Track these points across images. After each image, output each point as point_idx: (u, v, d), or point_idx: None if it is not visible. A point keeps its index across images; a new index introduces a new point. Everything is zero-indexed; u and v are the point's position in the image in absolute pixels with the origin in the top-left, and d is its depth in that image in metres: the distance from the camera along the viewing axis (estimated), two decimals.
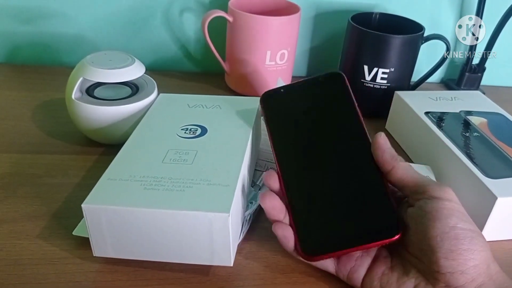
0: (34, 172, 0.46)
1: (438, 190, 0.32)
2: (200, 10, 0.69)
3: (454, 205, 0.31)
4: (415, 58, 0.62)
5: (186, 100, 0.48)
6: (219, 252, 0.34)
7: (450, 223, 0.30)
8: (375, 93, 0.62)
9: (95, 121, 0.48)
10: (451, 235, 0.30)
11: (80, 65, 0.48)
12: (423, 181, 0.33)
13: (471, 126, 0.52)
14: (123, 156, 0.39)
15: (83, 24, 0.68)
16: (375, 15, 0.66)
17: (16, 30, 0.67)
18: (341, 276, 0.36)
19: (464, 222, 0.30)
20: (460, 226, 0.30)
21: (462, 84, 0.74)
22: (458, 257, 0.29)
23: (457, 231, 0.30)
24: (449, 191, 0.32)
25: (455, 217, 0.30)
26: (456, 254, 0.29)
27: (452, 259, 0.29)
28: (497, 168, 0.45)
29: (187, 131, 0.42)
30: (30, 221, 0.40)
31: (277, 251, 0.40)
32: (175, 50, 0.72)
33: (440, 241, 0.30)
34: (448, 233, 0.30)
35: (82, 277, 0.35)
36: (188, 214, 0.32)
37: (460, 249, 0.29)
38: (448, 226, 0.30)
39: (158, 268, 0.36)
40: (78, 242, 0.38)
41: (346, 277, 0.35)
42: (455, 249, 0.29)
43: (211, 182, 0.35)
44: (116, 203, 0.33)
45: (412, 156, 0.55)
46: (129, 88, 0.51)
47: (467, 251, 0.29)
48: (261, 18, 0.59)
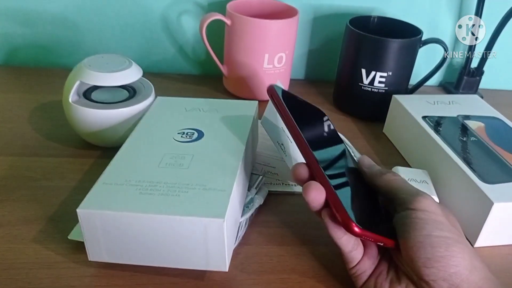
0: (31, 175, 0.46)
1: (413, 201, 0.33)
2: (198, 13, 0.69)
3: (429, 214, 0.32)
4: (413, 62, 0.62)
5: (183, 103, 0.48)
6: (214, 257, 0.34)
7: (424, 232, 0.31)
8: (373, 97, 0.62)
9: (92, 124, 0.48)
10: (426, 244, 0.30)
11: (77, 68, 0.48)
12: (401, 193, 0.34)
13: (469, 130, 0.52)
14: (119, 160, 0.39)
15: (81, 27, 0.68)
16: (373, 18, 0.66)
17: (14, 32, 0.67)
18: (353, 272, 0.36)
19: (440, 230, 0.31)
20: (435, 234, 0.31)
21: (460, 88, 0.74)
22: (437, 264, 0.30)
23: (432, 239, 0.30)
24: (423, 201, 0.32)
25: (430, 226, 0.31)
26: (434, 261, 0.30)
27: (431, 267, 0.30)
28: (494, 173, 0.45)
29: (183, 135, 0.42)
30: (25, 225, 0.40)
31: (272, 256, 0.40)
32: (173, 52, 0.72)
33: (417, 251, 0.31)
34: (423, 242, 0.30)
35: (77, 282, 0.35)
36: (183, 219, 0.32)
37: (437, 256, 0.30)
38: (422, 235, 0.31)
39: (153, 272, 0.36)
40: (74, 246, 0.38)
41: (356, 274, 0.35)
42: (432, 257, 0.30)
43: (206, 187, 0.35)
44: (111, 208, 0.33)
45: (409, 160, 0.55)
46: (126, 91, 0.51)
47: (444, 257, 0.30)
48: (259, 21, 0.59)
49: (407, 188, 0.34)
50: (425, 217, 0.31)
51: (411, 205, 0.32)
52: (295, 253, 0.40)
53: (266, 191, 0.46)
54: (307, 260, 0.40)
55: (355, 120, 0.64)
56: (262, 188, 0.46)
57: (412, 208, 0.32)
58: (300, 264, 0.39)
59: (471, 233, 0.44)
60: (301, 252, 0.40)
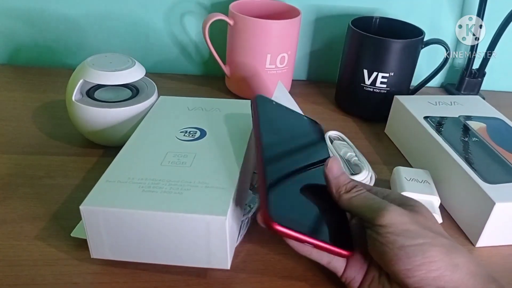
0: (34, 173, 0.46)
1: (377, 218, 0.32)
2: (201, 13, 0.69)
3: (397, 226, 0.31)
4: (415, 62, 0.63)
5: (186, 102, 0.48)
6: (216, 255, 0.34)
7: (397, 245, 0.31)
8: (375, 97, 0.62)
9: (95, 123, 0.48)
10: (402, 255, 0.30)
11: (81, 67, 0.49)
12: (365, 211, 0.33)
13: (470, 131, 0.52)
14: (122, 158, 0.39)
15: (84, 26, 0.68)
16: (375, 19, 0.67)
17: (18, 31, 0.68)
18: (343, 281, 0.36)
19: (411, 239, 0.31)
20: (408, 244, 0.30)
21: (462, 89, 0.74)
22: (418, 273, 0.30)
23: (406, 250, 0.30)
24: (387, 215, 0.32)
25: (400, 237, 0.31)
26: (414, 270, 0.30)
27: (412, 276, 0.30)
28: (495, 173, 0.45)
29: (186, 133, 0.42)
30: (29, 222, 0.40)
31: (274, 254, 0.40)
32: (176, 52, 0.72)
33: (395, 264, 0.31)
34: (398, 254, 0.30)
35: (79, 279, 0.36)
36: (186, 217, 0.32)
37: (416, 265, 0.30)
38: (396, 248, 0.31)
39: (155, 270, 0.36)
40: (77, 243, 0.38)
41: (346, 282, 0.36)
42: (411, 267, 0.30)
43: (209, 185, 0.35)
44: (114, 205, 0.33)
45: (411, 160, 0.55)
46: (129, 90, 0.51)
47: (423, 264, 0.30)
48: (262, 22, 0.59)
49: (369, 204, 0.33)
50: (393, 230, 0.31)
51: (377, 222, 0.32)
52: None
53: None
54: (308, 259, 0.39)
55: (357, 121, 0.64)
56: None
57: (378, 224, 0.32)
58: (301, 262, 0.39)
59: (473, 233, 0.44)
60: None
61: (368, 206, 0.33)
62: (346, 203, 0.34)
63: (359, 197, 0.34)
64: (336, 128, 0.57)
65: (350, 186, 0.35)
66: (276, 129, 0.40)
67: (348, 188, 0.35)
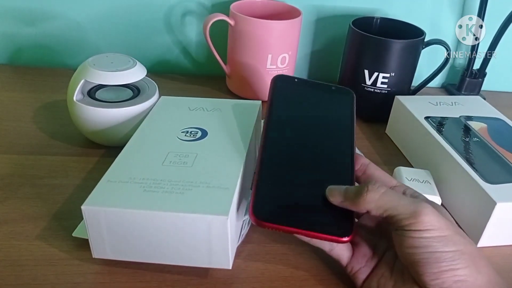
0: (35, 173, 0.46)
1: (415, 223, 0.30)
2: (202, 13, 0.69)
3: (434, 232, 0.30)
4: (415, 63, 0.63)
5: (187, 103, 0.48)
6: (217, 255, 0.34)
7: (430, 250, 0.30)
8: (376, 98, 0.62)
9: (96, 123, 0.48)
10: (432, 260, 0.30)
11: (82, 67, 0.49)
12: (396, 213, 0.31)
13: (471, 131, 0.52)
14: (123, 158, 0.39)
15: (85, 26, 0.68)
16: (376, 19, 0.67)
17: (19, 31, 0.68)
18: (348, 271, 0.36)
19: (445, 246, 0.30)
20: (440, 250, 0.30)
21: (462, 89, 0.74)
22: (442, 276, 0.30)
23: (437, 255, 0.30)
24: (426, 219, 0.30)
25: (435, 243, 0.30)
26: (440, 274, 0.30)
27: (436, 279, 0.30)
28: (496, 173, 0.45)
29: (187, 133, 0.42)
30: (30, 222, 0.40)
31: (275, 255, 0.40)
32: (176, 53, 0.72)
33: (422, 266, 0.30)
34: (429, 258, 0.30)
35: (81, 278, 0.36)
36: (187, 217, 0.32)
37: (443, 270, 0.30)
38: (427, 253, 0.30)
39: (157, 270, 0.36)
40: (78, 243, 0.38)
41: (351, 273, 0.36)
42: (437, 271, 0.30)
43: (210, 185, 0.35)
44: (116, 205, 0.33)
45: (412, 160, 0.55)
46: (130, 90, 0.51)
47: (450, 271, 0.30)
48: (263, 22, 0.60)
49: (402, 205, 0.31)
50: (431, 235, 0.30)
51: (413, 227, 0.30)
52: (298, 251, 0.40)
53: None
54: (309, 259, 0.40)
55: (357, 121, 0.63)
56: None
57: (415, 229, 0.30)
58: (303, 262, 0.39)
59: (474, 233, 0.44)
60: (304, 251, 0.40)
61: (401, 207, 0.31)
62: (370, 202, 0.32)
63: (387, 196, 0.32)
64: None
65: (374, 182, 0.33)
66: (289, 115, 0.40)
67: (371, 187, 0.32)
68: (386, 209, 0.31)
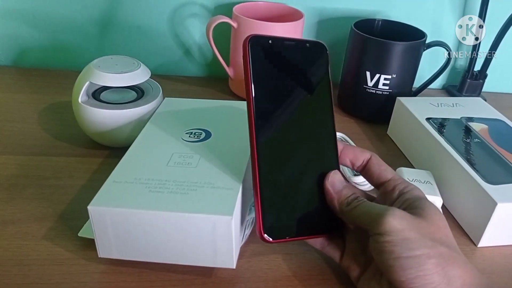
0: (40, 174, 0.47)
1: (376, 226, 0.31)
2: (205, 15, 0.69)
3: (397, 234, 0.31)
4: (417, 64, 0.63)
5: (191, 104, 0.49)
6: (222, 254, 0.34)
7: (393, 256, 0.30)
8: (377, 99, 0.62)
9: (101, 124, 0.48)
10: (397, 267, 0.30)
11: (87, 69, 0.49)
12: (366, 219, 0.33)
13: (472, 132, 0.52)
14: (129, 159, 0.39)
15: (89, 29, 0.69)
16: (378, 21, 0.67)
17: (24, 33, 0.68)
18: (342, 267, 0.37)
19: (409, 250, 0.30)
20: (405, 255, 0.30)
21: (463, 91, 0.74)
22: (412, 285, 0.30)
23: (401, 262, 0.30)
24: (387, 222, 0.31)
25: (398, 248, 0.30)
26: (409, 283, 0.30)
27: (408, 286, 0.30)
28: (497, 174, 0.45)
29: (191, 135, 0.42)
30: (36, 222, 0.41)
31: (279, 254, 0.40)
32: (180, 55, 0.73)
33: (391, 275, 0.31)
34: (393, 266, 0.30)
35: (87, 278, 0.36)
36: (192, 217, 0.33)
37: (410, 278, 0.30)
38: (391, 259, 0.30)
39: (162, 269, 0.37)
40: (83, 243, 0.38)
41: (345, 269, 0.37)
42: (405, 279, 0.30)
43: (214, 185, 0.35)
44: (122, 205, 0.34)
45: (413, 161, 0.55)
46: (134, 92, 0.52)
47: (418, 277, 0.30)
48: (265, 24, 0.60)
49: (368, 212, 0.33)
50: (391, 239, 0.30)
51: (376, 230, 0.31)
52: (301, 251, 0.41)
53: None
54: (313, 259, 0.40)
55: (359, 122, 0.64)
56: None
57: (377, 233, 0.31)
58: (306, 262, 0.40)
59: (475, 233, 0.44)
60: (307, 251, 0.41)
61: (367, 214, 0.33)
62: (348, 216, 0.34)
63: (359, 207, 0.34)
64: (339, 130, 0.57)
65: (352, 199, 0.35)
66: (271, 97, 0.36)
67: (349, 201, 0.35)
68: (356, 217, 0.34)
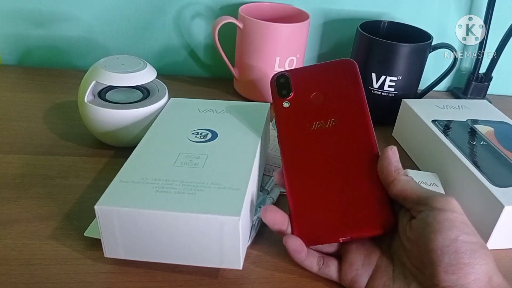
0: (46, 173, 0.47)
1: (440, 201, 0.31)
2: (210, 16, 0.69)
3: (457, 216, 0.30)
4: (422, 66, 0.63)
5: (197, 104, 0.49)
6: (228, 255, 0.34)
7: (452, 236, 0.29)
8: (383, 101, 0.62)
9: (106, 124, 0.48)
10: (452, 249, 0.29)
11: (93, 69, 0.49)
12: (425, 193, 0.33)
13: (478, 134, 0.52)
14: (135, 159, 0.39)
15: (95, 28, 0.69)
16: (384, 23, 0.67)
17: (29, 33, 0.69)
18: (344, 284, 0.36)
19: (467, 235, 0.30)
20: (462, 239, 0.29)
21: (468, 93, 0.74)
22: (458, 271, 0.29)
23: (458, 244, 0.29)
24: (451, 201, 0.31)
25: (457, 229, 0.30)
26: (457, 268, 0.29)
27: (452, 273, 0.29)
28: (504, 176, 0.45)
29: (197, 135, 0.42)
30: (42, 222, 0.41)
31: (285, 255, 0.40)
32: (185, 55, 0.73)
33: (440, 255, 0.29)
34: (449, 246, 0.29)
35: (93, 278, 0.36)
36: (199, 217, 0.33)
37: (461, 263, 0.29)
38: (449, 239, 0.29)
39: (168, 270, 0.37)
40: (90, 243, 0.38)
41: (348, 285, 0.36)
42: (455, 263, 0.29)
43: (221, 185, 0.35)
44: (129, 205, 0.34)
45: (419, 163, 0.55)
46: (140, 92, 0.52)
47: (467, 265, 0.29)
48: (271, 25, 0.60)
49: (430, 190, 0.34)
50: (452, 218, 0.30)
51: (438, 204, 0.31)
52: None
53: (278, 192, 0.46)
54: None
55: None
56: (274, 189, 0.46)
57: (440, 207, 0.30)
58: None
59: (482, 236, 0.43)
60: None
61: (426, 190, 0.33)
62: (400, 185, 0.34)
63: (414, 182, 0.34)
64: None
65: (404, 172, 0.35)
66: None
67: (403, 172, 0.35)
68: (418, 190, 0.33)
